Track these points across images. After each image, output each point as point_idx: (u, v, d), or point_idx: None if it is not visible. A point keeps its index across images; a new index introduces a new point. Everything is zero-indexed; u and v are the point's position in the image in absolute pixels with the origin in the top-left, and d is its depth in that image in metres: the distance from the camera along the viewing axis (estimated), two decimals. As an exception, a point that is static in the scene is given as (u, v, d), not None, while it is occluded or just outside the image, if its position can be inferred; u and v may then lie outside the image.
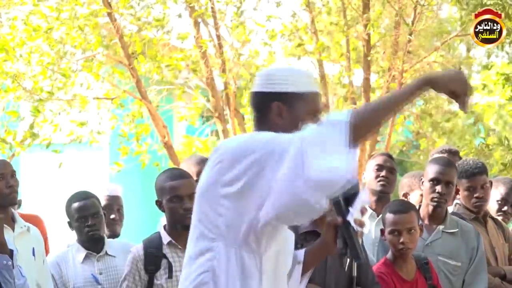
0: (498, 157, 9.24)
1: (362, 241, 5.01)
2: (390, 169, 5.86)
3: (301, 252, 3.40)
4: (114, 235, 5.85)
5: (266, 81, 3.36)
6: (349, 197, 3.30)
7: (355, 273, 3.44)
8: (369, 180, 5.91)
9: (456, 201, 6.15)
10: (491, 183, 5.83)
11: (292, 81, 3.32)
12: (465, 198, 5.72)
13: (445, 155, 6.11)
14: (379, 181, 5.83)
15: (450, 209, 5.94)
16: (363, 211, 3.30)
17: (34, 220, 6.09)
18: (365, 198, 3.31)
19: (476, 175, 5.68)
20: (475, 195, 5.67)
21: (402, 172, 15.57)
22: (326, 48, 10.28)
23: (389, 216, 5.01)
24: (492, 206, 6.08)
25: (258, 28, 10.09)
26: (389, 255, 5.07)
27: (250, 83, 10.50)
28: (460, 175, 5.66)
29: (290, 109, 3.31)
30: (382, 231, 5.06)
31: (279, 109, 3.31)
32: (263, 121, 3.33)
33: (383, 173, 5.83)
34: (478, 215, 5.72)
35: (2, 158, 5.13)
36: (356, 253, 3.24)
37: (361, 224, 3.28)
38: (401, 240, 4.94)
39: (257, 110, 3.36)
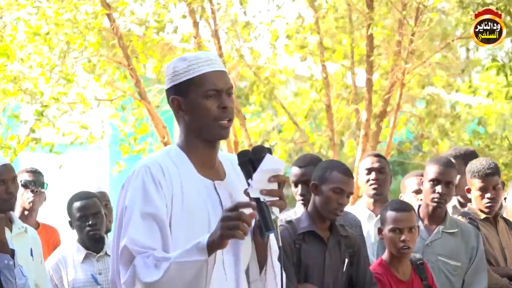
0: (497, 156, 9.20)
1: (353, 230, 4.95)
2: (379, 169, 5.80)
3: None
4: (106, 230, 5.86)
5: (166, 77, 3.12)
6: (257, 160, 3.00)
7: (270, 245, 3.18)
8: (361, 184, 5.90)
9: (453, 203, 6.11)
10: (503, 184, 5.79)
11: (182, 69, 3.06)
12: (477, 198, 5.66)
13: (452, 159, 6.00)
14: (370, 185, 5.80)
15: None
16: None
17: (50, 231, 6.12)
18: (269, 166, 2.95)
19: (489, 176, 5.60)
20: (486, 196, 5.61)
21: (403, 173, 15.58)
22: (330, 50, 10.23)
23: (391, 214, 4.95)
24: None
25: (261, 29, 10.08)
26: (384, 255, 5.03)
27: (253, 83, 10.50)
28: (473, 174, 5.62)
29: (185, 98, 3.05)
30: (380, 230, 5.02)
31: (178, 102, 3.07)
32: (177, 119, 3.11)
33: (372, 175, 5.79)
34: (489, 215, 5.68)
35: (6, 162, 5.08)
36: (266, 223, 2.95)
37: (270, 194, 2.94)
38: (402, 238, 4.89)
39: (172, 109, 3.14)
